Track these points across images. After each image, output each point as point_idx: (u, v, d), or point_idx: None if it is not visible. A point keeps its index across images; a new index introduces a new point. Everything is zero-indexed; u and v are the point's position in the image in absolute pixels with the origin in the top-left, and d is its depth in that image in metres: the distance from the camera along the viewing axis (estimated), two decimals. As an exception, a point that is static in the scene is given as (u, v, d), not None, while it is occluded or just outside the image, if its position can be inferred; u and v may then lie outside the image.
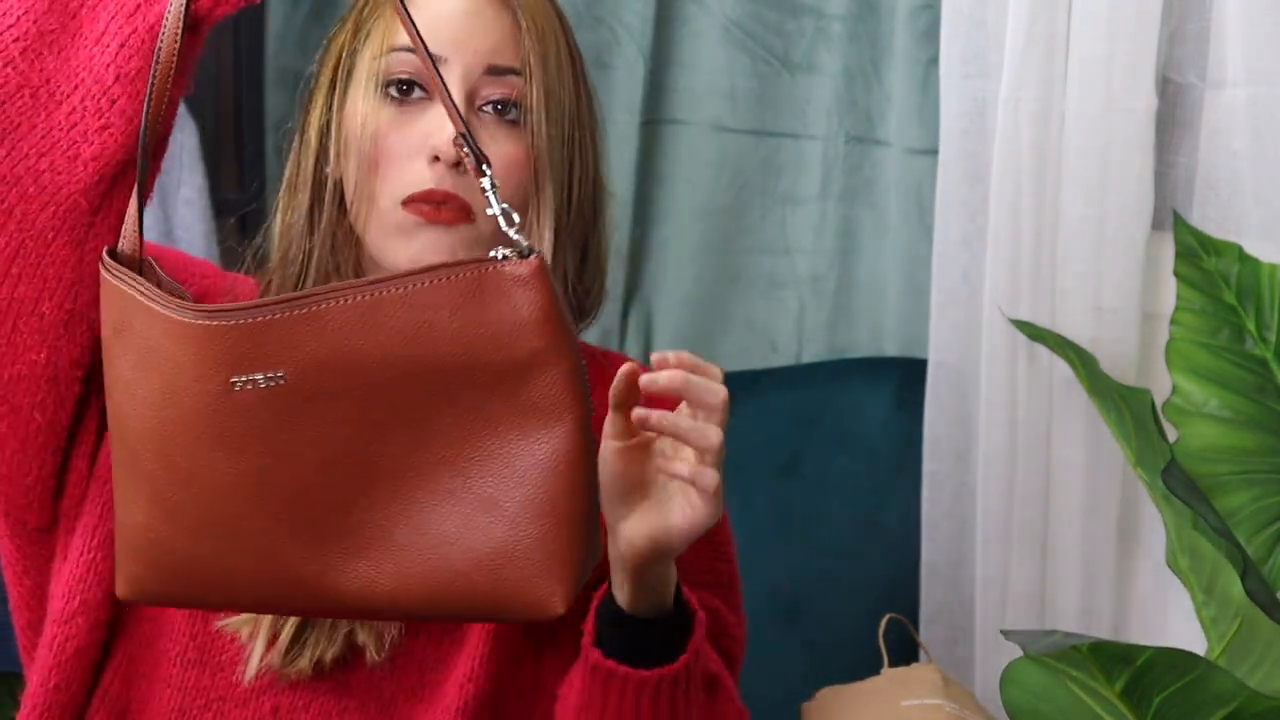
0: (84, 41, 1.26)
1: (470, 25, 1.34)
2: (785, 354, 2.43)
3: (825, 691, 2.07)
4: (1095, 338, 2.13)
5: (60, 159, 1.25)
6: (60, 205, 1.26)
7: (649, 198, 2.41)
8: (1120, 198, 2.11)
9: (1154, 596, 2.19)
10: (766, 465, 2.38)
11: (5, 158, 1.25)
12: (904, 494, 2.32)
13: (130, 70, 1.25)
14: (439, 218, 1.33)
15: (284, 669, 1.34)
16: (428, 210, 1.32)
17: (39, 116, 1.25)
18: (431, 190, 1.32)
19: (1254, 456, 1.95)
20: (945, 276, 2.21)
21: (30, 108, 1.25)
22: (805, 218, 2.39)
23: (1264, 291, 1.99)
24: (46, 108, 1.25)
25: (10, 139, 1.25)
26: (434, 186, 1.32)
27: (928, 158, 2.27)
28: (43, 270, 1.27)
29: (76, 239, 1.27)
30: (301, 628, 1.35)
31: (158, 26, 1.23)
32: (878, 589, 2.35)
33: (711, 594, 1.45)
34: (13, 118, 1.25)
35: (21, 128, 1.25)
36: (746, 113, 2.38)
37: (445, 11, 1.34)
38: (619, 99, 2.36)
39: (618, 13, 2.35)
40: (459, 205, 1.32)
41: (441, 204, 1.32)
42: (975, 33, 2.15)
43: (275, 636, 1.34)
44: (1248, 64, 2.05)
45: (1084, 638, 1.54)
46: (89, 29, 1.26)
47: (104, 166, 1.25)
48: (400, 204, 1.33)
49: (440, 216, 1.33)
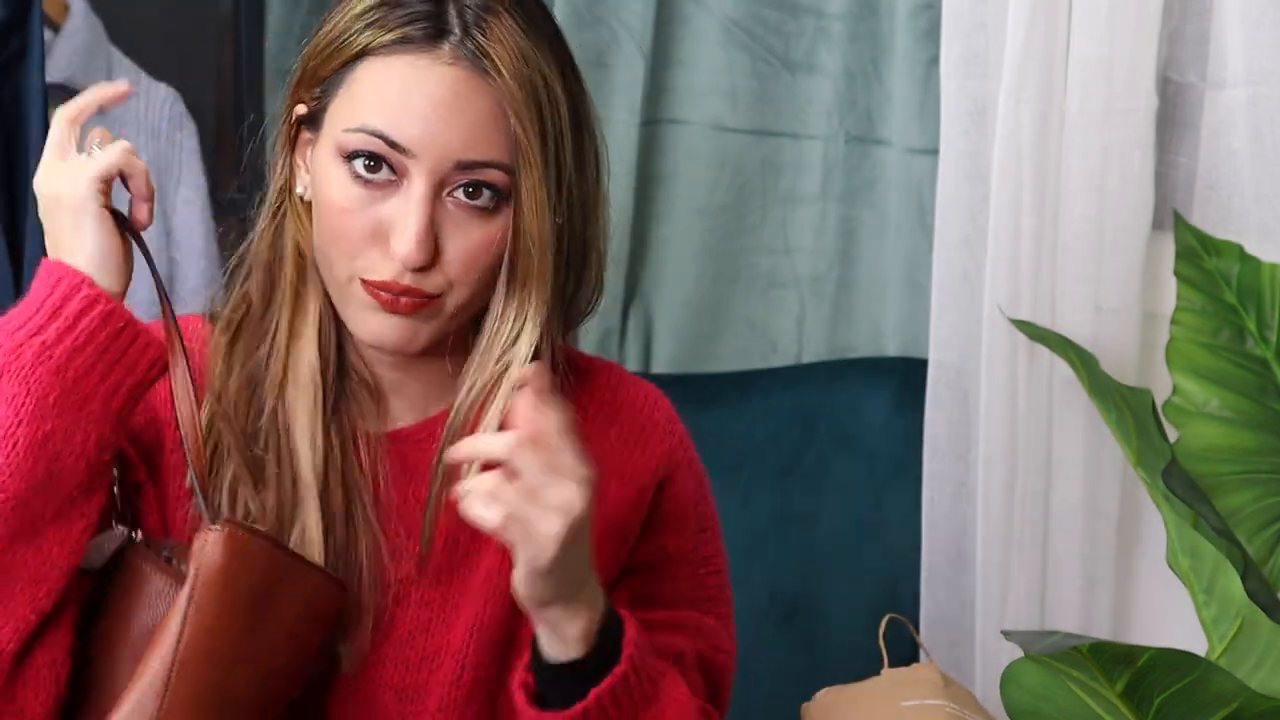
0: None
1: (443, 118, 1.27)
2: (785, 354, 2.43)
3: (825, 691, 2.06)
4: (1095, 338, 2.13)
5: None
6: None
7: (649, 198, 2.41)
8: (1120, 198, 2.11)
9: (1154, 596, 2.19)
10: (766, 465, 2.38)
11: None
12: (904, 494, 2.32)
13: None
14: (396, 307, 1.30)
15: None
16: (385, 299, 1.30)
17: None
18: (390, 283, 1.29)
19: (1254, 456, 1.95)
20: (945, 276, 2.21)
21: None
22: (805, 218, 2.39)
23: (1264, 291, 1.99)
24: None
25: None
26: (393, 279, 1.29)
27: (928, 158, 2.27)
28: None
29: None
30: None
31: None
32: (878, 589, 2.35)
33: (700, 612, 1.45)
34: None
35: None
36: (746, 112, 2.38)
37: (416, 102, 1.27)
38: (619, 99, 2.36)
39: (618, 12, 2.35)
40: (419, 296, 1.30)
41: (400, 295, 1.30)
42: (975, 33, 2.14)
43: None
44: (1248, 64, 2.05)
45: (1084, 638, 1.54)
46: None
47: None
48: (359, 281, 1.31)
49: (398, 307, 1.30)
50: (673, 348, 2.42)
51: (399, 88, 1.28)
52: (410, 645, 1.38)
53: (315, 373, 1.36)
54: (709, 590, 1.46)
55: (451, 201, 1.29)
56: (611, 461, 1.41)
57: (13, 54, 2.04)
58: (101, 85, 1.32)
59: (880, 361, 2.39)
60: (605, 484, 1.39)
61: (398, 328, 1.31)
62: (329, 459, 1.36)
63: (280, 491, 1.35)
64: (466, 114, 1.27)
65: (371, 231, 1.29)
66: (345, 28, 1.31)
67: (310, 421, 1.35)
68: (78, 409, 1.24)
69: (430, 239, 1.28)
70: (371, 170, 1.28)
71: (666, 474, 1.44)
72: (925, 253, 2.27)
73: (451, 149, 1.27)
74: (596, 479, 1.22)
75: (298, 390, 1.36)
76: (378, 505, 1.37)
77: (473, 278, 1.31)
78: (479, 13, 1.28)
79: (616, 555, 1.42)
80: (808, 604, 2.36)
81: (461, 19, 1.28)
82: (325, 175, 1.31)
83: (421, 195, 1.27)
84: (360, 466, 1.38)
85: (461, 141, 1.27)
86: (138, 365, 1.27)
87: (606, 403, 1.44)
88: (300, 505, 1.34)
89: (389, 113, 1.27)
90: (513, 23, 1.29)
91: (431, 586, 1.38)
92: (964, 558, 2.25)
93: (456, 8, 1.29)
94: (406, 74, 1.27)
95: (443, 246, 1.29)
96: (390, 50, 1.28)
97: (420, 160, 1.27)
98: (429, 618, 1.38)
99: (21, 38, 2.04)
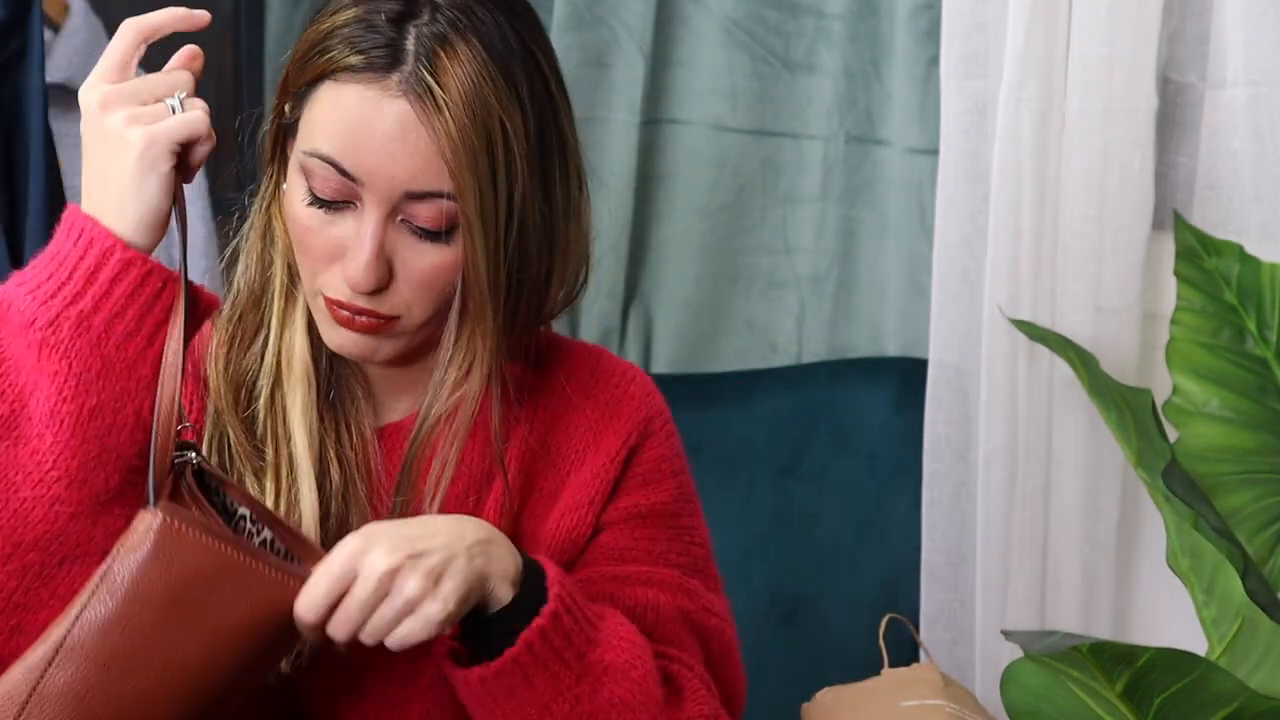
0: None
1: (390, 152, 1.26)
2: (785, 354, 2.43)
3: (825, 691, 2.07)
4: (1095, 338, 2.13)
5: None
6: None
7: (649, 198, 2.41)
8: (1120, 198, 2.11)
9: (1154, 596, 2.19)
10: (766, 465, 2.38)
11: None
12: (904, 494, 2.32)
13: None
14: (354, 325, 1.31)
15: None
16: (343, 316, 1.31)
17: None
18: (346, 303, 1.30)
19: (1254, 456, 1.95)
20: (945, 276, 2.21)
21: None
22: (805, 218, 2.39)
23: (1264, 291, 1.99)
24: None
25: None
26: (349, 300, 1.30)
27: (928, 158, 2.27)
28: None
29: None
30: None
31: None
32: (878, 589, 2.35)
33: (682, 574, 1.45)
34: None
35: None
36: (746, 112, 2.38)
37: (364, 133, 1.26)
38: (619, 99, 2.36)
39: (618, 12, 2.35)
40: (374, 316, 1.31)
41: (357, 315, 1.30)
42: (975, 33, 2.15)
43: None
44: (1248, 64, 2.05)
45: (1084, 638, 1.54)
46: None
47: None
48: (321, 296, 1.32)
49: (355, 325, 1.31)
50: (673, 348, 2.42)
51: (349, 117, 1.27)
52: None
53: (308, 362, 1.37)
54: (694, 559, 1.46)
55: (405, 225, 1.29)
56: (586, 435, 1.42)
57: (13, 54, 2.04)
58: (180, 9, 1.26)
59: (880, 361, 2.39)
60: (579, 457, 1.41)
61: (358, 343, 1.32)
62: (324, 445, 1.37)
63: (277, 478, 1.35)
64: (412, 147, 1.26)
65: (330, 251, 1.30)
66: (317, 41, 1.30)
67: (305, 409, 1.36)
68: (125, 377, 1.22)
69: (380, 264, 1.28)
70: (327, 193, 1.28)
71: (639, 440, 1.44)
72: (925, 253, 2.27)
73: (399, 181, 1.27)
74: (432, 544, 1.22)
75: (293, 379, 1.37)
76: (372, 493, 1.38)
77: (429, 299, 1.31)
78: (434, 43, 1.27)
79: (584, 518, 1.42)
80: (808, 604, 2.35)
81: (417, 47, 1.26)
82: (292, 188, 1.32)
83: (373, 221, 1.28)
84: (355, 456, 1.39)
85: (408, 174, 1.26)
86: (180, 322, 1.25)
87: (584, 380, 1.45)
88: (296, 489, 1.35)
89: (340, 141, 1.26)
90: (469, 52, 1.27)
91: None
92: (964, 558, 2.25)
93: (415, 34, 1.27)
94: (355, 104, 1.26)
95: (396, 270, 1.29)
96: (346, 77, 1.27)
97: (370, 189, 1.27)
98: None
99: (21, 38, 2.04)
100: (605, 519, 1.43)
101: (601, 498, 1.42)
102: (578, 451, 1.42)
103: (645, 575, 1.42)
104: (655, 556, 1.43)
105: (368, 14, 1.28)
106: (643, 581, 1.41)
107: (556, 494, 1.42)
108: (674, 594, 1.42)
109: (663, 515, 1.45)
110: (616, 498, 1.43)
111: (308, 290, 1.34)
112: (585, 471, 1.42)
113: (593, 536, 1.43)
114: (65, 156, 2.20)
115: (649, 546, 1.44)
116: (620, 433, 1.43)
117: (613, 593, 1.39)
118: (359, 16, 1.28)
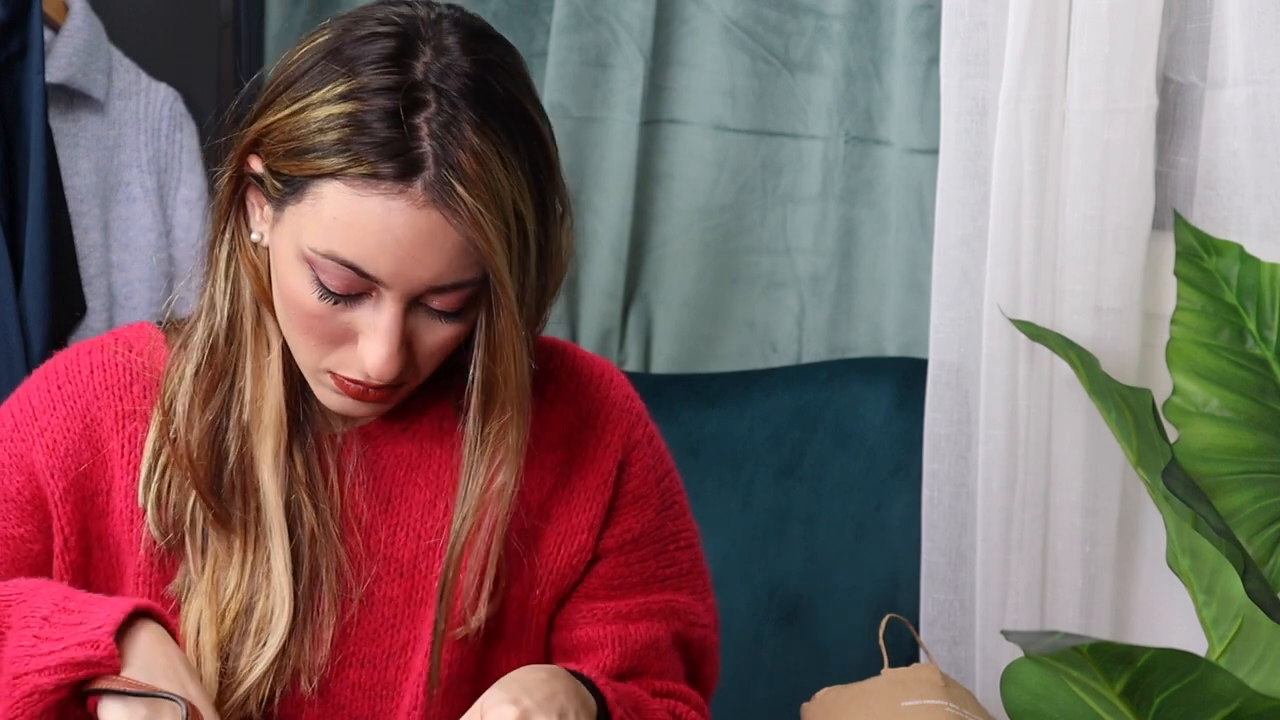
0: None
1: (417, 258, 1.24)
2: (785, 354, 2.43)
3: (825, 691, 2.06)
4: (1095, 338, 2.13)
5: None
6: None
7: (649, 198, 2.41)
8: (1120, 198, 2.11)
9: (1154, 596, 2.19)
10: (766, 465, 2.38)
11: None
12: (904, 494, 2.32)
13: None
14: (365, 398, 1.30)
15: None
16: (355, 390, 1.30)
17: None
18: (360, 381, 1.29)
19: (1254, 456, 1.95)
20: (945, 276, 2.20)
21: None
22: (805, 218, 2.39)
23: (1264, 291, 1.99)
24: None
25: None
26: (363, 379, 1.29)
27: (928, 158, 2.27)
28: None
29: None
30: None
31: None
32: (878, 589, 2.34)
33: (672, 590, 1.45)
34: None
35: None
36: (746, 112, 2.38)
37: (391, 245, 1.23)
38: (619, 99, 2.36)
39: (618, 12, 2.35)
40: (388, 389, 1.31)
41: (370, 389, 1.30)
42: (975, 33, 2.14)
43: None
44: (1248, 64, 2.05)
45: (1084, 638, 1.54)
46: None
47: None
48: (328, 373, 1.31)
49: (366, 397, 1.30)
50: (673, 348, 2.42)
51: (374, 226, 1.23)
52: (376, 642, 1.38)
53: (281, 411, 1.35)
54: (680, 565, 1.47)
55: (423, 308, 1.28)
56: (573, 445, 1.42)
57: (13, 54, 2.04)
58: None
59: (880, 361, 2.38)
60: (569, 469, 1.42)
61: (365, 409, 1.33)
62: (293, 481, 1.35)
63: (245, 533, 1.35)
64: (439, 248, 1.24)
65: (339, 335, 1.28)
66: (311, 132, 1.25)
67: (274, 457, 1.35)
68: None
69: (402, 354, 1.28)
70: (340, 289, 1.26)
71: (626, 454, 1.44)
72: (925, 253, 2.27)
73: (425, 280, 1.26)
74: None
75: (264, 432, 1.35)
76: (344, 513, 1.37)
77: (438, 361, 1.32)
78: (449, 139, 1.23)
79: (585, 544, 1.43)
80: (807, 604, 2.35)
81: (434, 147, 1.23)
82: (288, 269, 1.28)
83: (393, 315, 1.26)
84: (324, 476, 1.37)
85: (434, 274, 1.25)
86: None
87: (563, 385, 1.44)
88: (266, 544, 1.34)
89: (361, 248, 1.24)
90: (482, 141, 1.23)
91: (395, 581, 1.38)
92: (964, 558, 2.25)
93: (428, 131, 1.23)
94: (380, 215, 1.23)
95: (414, 348, 1.29)
96: (362, 184, 1.23)
97: (393, 287, 1.26)
98: (393, 615, 1.39)
99: (21, 38, 2.04)
100: (602, 547, 1.44)
101: (599, 522, 1.43)
102: (562, 461, 1.41)
103: (642, 608, 1.44)
104: (648, 578, 1.45)
105: (367, 108, 1.23)
106: (642, 615, 1.44)
107: (544, 509, 1.41)
108: (668, 620, 1.45)
109: (652, 533, 1.46)
110: (611, 523, 1.44)
111: (309, 367, 1.31)
112: (579, 493, 1.42)
113: (592, 562, 1.43)
114: (65, 156, 2.20)
115: (641, 569, 1.45)
116: (610, 446, 1.43)
117: (619, 633, 1.42)
118: (356, 113, 1.23)
